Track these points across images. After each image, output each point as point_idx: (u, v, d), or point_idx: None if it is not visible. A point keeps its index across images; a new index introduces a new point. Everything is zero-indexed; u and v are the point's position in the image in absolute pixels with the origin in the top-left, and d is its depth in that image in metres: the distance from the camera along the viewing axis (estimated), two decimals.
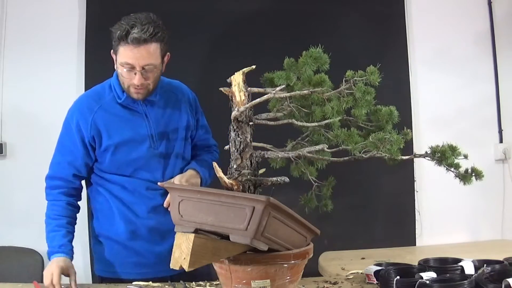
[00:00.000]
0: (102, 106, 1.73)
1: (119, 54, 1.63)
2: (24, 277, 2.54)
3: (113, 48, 1.67)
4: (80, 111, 1.74)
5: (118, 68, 1.67)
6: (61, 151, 1.77)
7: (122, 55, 1.62)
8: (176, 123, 1.79)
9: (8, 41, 2.85)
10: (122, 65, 1.63)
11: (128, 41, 1.58)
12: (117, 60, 1.66)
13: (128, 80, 1.65)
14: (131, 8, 2.85)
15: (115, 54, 1.66)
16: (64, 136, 1.77)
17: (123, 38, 1.59)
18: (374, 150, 1.33)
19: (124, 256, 1.76)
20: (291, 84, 1.37)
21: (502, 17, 3.22)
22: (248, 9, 2.92)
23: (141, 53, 1.60)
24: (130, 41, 1.58)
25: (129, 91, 1.69)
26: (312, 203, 1.46)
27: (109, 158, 1.73)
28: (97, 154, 1.74)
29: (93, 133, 1.71)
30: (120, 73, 1.67)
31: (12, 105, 2.84)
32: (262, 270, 1.21)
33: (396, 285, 1.37)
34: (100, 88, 1.79)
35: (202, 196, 1.18)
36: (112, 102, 1.74)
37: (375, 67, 1.35)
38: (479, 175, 1.42)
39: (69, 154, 1.74)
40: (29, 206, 2.80)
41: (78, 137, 1.72)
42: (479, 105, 3.21)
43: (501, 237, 3.16)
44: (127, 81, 1.66)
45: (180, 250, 1.14)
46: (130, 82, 1.65)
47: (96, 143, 1.72)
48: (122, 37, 1.59)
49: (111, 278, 1.76)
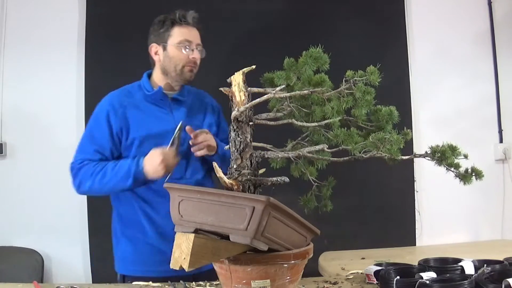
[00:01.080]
0: (132, 101, 1.83)
1: (174, 36, 1.78)
2: (24, 277, 2.54)
3: (159, 37, 1.81)
4: (111, 104, 1.82)
5: (172, 51, 1.79)
6: (89, 140, 1.83)
7: (179, 35, 1.78)
8: (199, 125, 1.87)
9: (8, 41, 2.85)
10: (180, 44, 1.78)
11: (187, 20, 1.79)
12: (169, 43, 1.79)
13: (184, 57, 1.79)
14: (131, 8, 2.88)
15: (164, 41, 1.80)
16: (93, 127, 1.84)
17: (181, 19, 1.78)
18: (374, 150, 1.33)
19: (149, 255, 1.80)
20: (291, 84, 1.37)
21: (502, 17, 3.23)
22: (248, 9, 2.92)
23: (196, 33, 1.82)
24: (190, 20, 1.79)
25: (183, 72, 1.81)
26: (312, 204, 1.45)
27: (134, 151, 1.79)
28: (123, 148, 1.81)
29: (121, 124, 1.79)
30: (173, 56, 1.79)
31: (12, 105, 2.84)
32: (262, 270, 1.21)
33: (396, 285, 1.37)
34: (130, 87, 1.89)
35: (202, 196, 1.18)
36: (142, 99, 1.84)
37: (375, 67, 1.35)
38: (479, 175, 1.42)
39: (97, 144, 1.81)
40: (29, 206, 2.81)
41: (107, 128, 1.79)
42: (479, 105, 3.21)
43: (501, 237, 3.16)
44: (183, 60, 1.79)
45: (180, 250, 1.14)
46: (187, 60, 1.79)
47: (123, 135, 1.80)
48: (180, 19, 1.78)
49: (134, 277, 1.78)
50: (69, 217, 2.81)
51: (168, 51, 1.80)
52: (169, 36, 1.79)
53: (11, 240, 2.74)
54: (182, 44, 1.78)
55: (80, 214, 2.80)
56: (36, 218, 2.80)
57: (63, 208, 2.81)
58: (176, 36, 1.78)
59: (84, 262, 2.80)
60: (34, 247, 2.74)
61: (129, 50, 2.81)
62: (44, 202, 2.82)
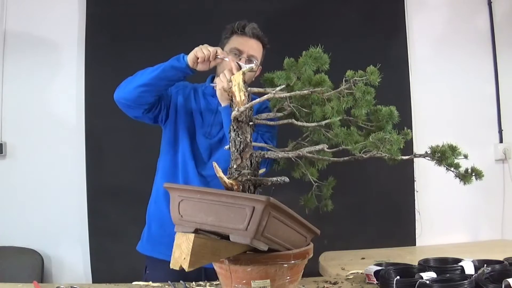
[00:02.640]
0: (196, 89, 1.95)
1: (230, 43, 1.87)
2: (24, 277, 2.54)
3: (222, 42, 1.89)
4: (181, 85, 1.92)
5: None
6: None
7: (234, 43, 1.86)
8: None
9: (8, 41, 2.86)
10: (230, 50, 1.84)
11: (245, 31, 1.85)
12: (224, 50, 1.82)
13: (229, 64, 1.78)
14: (131, 8, 2.88)
15: (222, 47, 1.85)
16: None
17: (239, 29, 1.85)
18: (374, 150, 1.33)
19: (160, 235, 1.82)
20: (291, 84, 1.37)
21: (502, 17, 3.23)
22: (248, 9, 2.92)
23: (252, 44, 1.86)
24: (247, 32, 1.84)
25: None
26: (312, 203, 1.45)
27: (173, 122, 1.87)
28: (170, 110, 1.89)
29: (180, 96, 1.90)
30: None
31: (12, 105, 2.84)
32: (262, 270, 1.21)
33: (396, 285, 1.37)
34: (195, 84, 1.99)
35: (202, 196, 1.18)
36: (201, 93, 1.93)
37: (375, 67, 1.35)
38: (479, 175, 1.42)
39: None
40: (29, 206, 2.81)
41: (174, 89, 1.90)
42: (479, 105, 3.21)
43: (501, 237, 3.16)
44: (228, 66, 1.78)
45: (180, 250, 1.14)
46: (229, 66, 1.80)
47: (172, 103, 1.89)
48: (239, 28, 1.85)
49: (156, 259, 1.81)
50: (69, 217, 2.82)
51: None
52: (227, 42, 1.88)
53: (11, 240, 2.74)
54: (232, 51, 1.84)
55: (80, 214, 2.80)
56: (36, 218, 2.80)
57: (63, 208, 2.81)
58: (231, 43, 1.87)
59: (84, 262, 2.80)
60: (34, 247, 2.74)
61: (129, 50, 2.81)
62: (44, 202, 2.82)
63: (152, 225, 1.88)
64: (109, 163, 2.83)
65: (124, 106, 1.80)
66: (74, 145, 2.85)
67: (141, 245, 1.90)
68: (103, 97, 2.75)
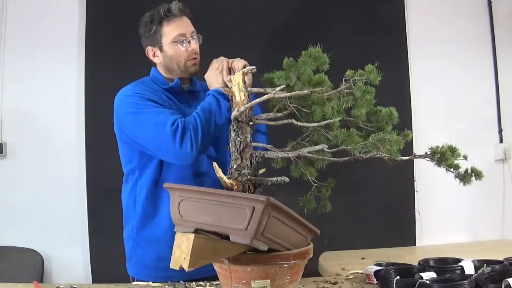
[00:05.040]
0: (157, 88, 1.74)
1: (167, 33, 1.72)
2: (24, 277, 2.54)
3: (152, 39, 1.75)
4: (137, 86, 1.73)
5: (169, 50, 1.74)
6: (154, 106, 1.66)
7: (171, 31, 1.71)
8: None
9: (8, 41, 2.86)
10: (175, 39, 1.71)
11: (174, 13, 1.70)
12: (163, 43, 1.73)
13: (184, 53, 1.73)
14: (131, 8, 2.87)
15: (158, 42, 1.74)
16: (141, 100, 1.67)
17: (166, 15, 1.70)
18: (374, 150, 1.33)
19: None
20: (291, 84, 1.37)
21: (502, 17, 3.23)
22: (248, 9, 2.92)
23: (185, 22, 1.74)
24: (176, 12, 1.70)
25: (187, 67, 1.75)
26: (311, 205, 1.45)
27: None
28: None
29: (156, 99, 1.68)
30: (172, 55, 1.73)
31: (12, 105, 2.84)
32: (262, 270, 1.21)
33: (396, 285, 1.37)
34: (143, 80, 1.80)
35: (202, 196, 1.18)
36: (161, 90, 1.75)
37: (373, 66, 1.35)
38: (479, 175, 1.42)
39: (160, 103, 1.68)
40: (29, 206, 2.81)
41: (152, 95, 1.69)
42: (479, 105, 3.21)
43: (501, 237, 3.16)
44: (184, 55, 1.74)
45: (180, 250, 1.14)
46: (188, 54, 1.73)
47: None
48: (165, 15, 1.70)
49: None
50: (69, 217, 2.81)
51: (165, 51, 1.74)
52: (162, 35, 1.72)
53: (11, 240, 2.74)
54: (177, 39, 1.71)
55: (80, 214, 2.80)
56: (36, 218, 2.80)
57: (63, 208, 2.81)
58: (168, 33, 1.71)
59: (84, 262, 2.80)
60: (34, 247, 2.74)
61: (129, 50, 2.81)
62: (44, 202, 2.82)
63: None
64: (109, 163, 2.83)
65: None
66: (74, 145, 2.84)
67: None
68: (103, 97, 2.76)
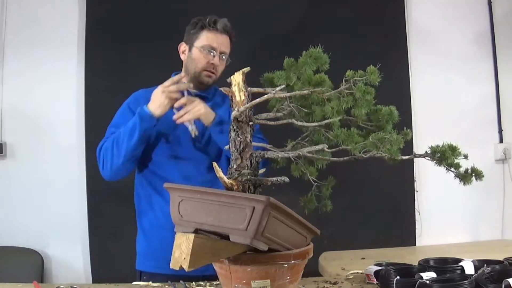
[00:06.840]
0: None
1: (201, 39, 1.83)
2: (24, 277, 2.54)
3: (189, 37, 1.86)
4: (134, 96, 1.90)
5: (195, 52, 1.84)
6: (111, 126, 1.85)
7: (205, 39, 1.82)
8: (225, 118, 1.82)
9: (8, 41, 2.86)
10: (204, 47, 1.82)
11: (216, 27, 1.82)
12: (194, 44, 1.83)
13: (204, 61, 1.82)
14: (131, 8, 2.88)
15: (191, 42, 1.84)
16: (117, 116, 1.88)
17: (210, 24, 1.82)
18: (374, 150, 1.33)
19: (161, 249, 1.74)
20: (291, 84, 1.37)
21: (502, 17, 3.23)
22: (248, 9, 2.92)
23: (223, 40, 1.84)
24: (219, 27, 1.82)
25: (200, 75, 1.84)
26: (312, 204, 1.45)
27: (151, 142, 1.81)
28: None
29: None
30: (195, 58, 1.83)
31: (12, 105, 2.84)
32: (262, 270, 1.21)
33: (396, 285, 1.37)
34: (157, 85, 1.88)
35: (202, 196, 1.18)
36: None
37: (375, 67, 1.35)
38: (479, 175, 1.42)
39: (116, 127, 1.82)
40: (29, 206, 2.81)
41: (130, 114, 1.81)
42: (479, 105, 3.21)
43: (501, 237, 3.16)
44: (203, 63, 1.81)
45: (180, 250, 1.14)
46: (206, 64, 1.82)
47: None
48: (210, 24, 1.82)
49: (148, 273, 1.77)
50: (69, 217, 2.82)
51: (192, 52, 1.85)
52: (197, 38, 1.84)
53: (11, 240, 2.74)
54: (205, 48, 1.82)
55: (80, 214, 2.80)
56: (36, 218, 2.80)
57: (63, 208, 2.82)
58: (202, 39, 1.83)
59: (84, 262, 2.80)
60: (34, 247, 2.74)
61: (129, 50, 2.81)
62: (44, 202, 2.82)
63: None
64: None
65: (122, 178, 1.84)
66: (74, 145, 2.85)
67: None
68: (103, 96, 2.77)
